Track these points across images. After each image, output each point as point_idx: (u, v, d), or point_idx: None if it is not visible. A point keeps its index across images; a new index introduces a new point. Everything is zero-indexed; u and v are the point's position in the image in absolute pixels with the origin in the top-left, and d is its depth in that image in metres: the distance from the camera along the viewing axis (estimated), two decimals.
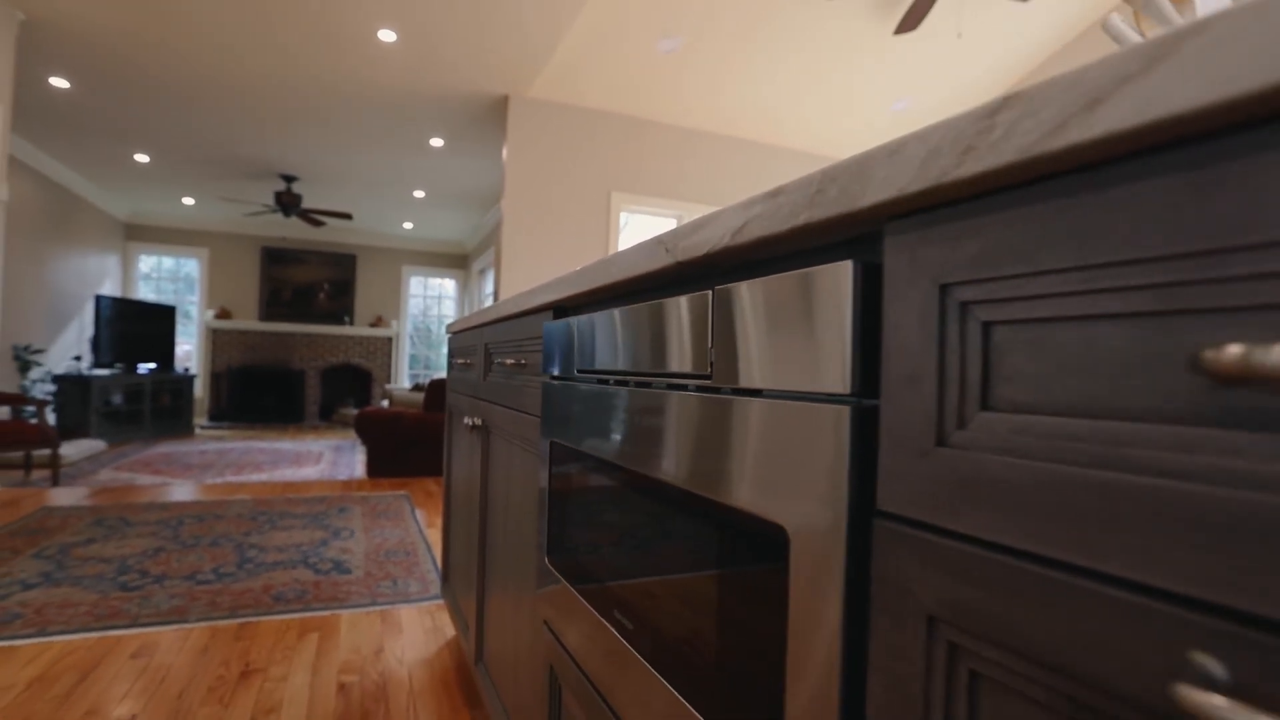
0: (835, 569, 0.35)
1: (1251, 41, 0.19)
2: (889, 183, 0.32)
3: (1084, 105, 0.24)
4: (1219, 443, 0.21)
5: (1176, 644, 0.22)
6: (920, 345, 0.32)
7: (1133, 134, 0.23)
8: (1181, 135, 0.22)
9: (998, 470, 0.28)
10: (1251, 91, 0.19)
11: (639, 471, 0.60)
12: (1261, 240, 0.20)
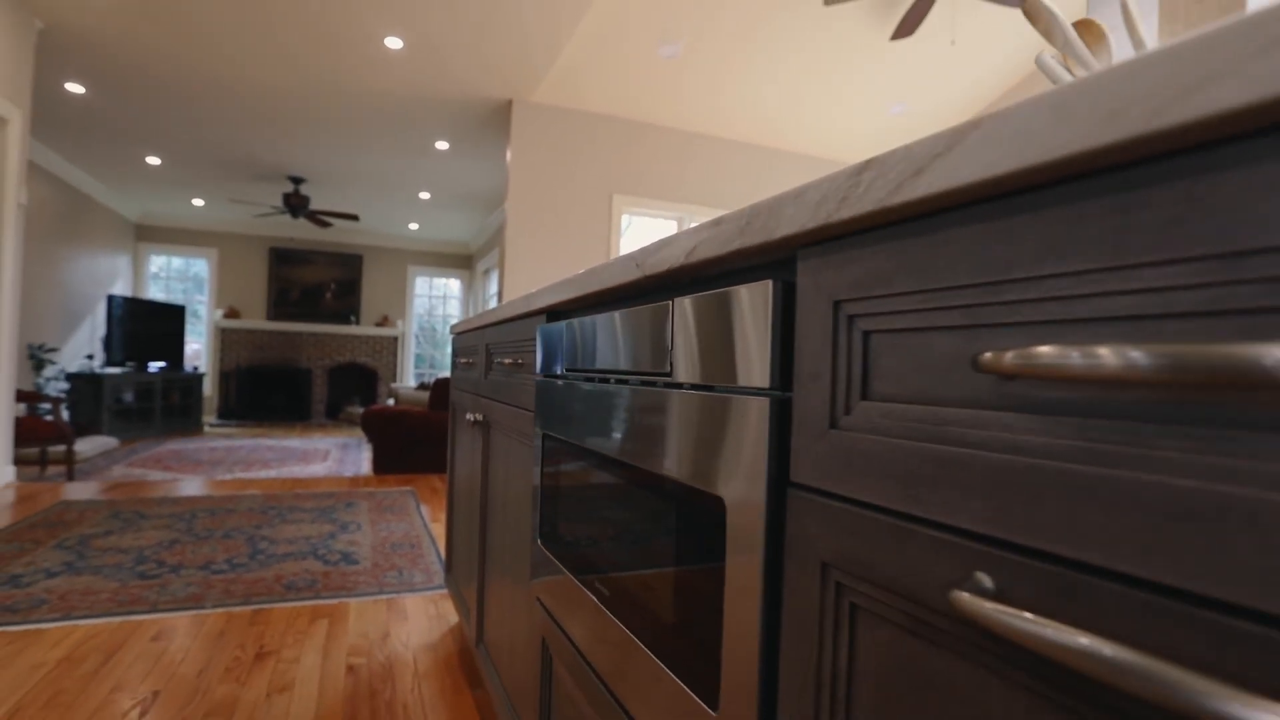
0: (758, 530, 0.44)
1: (1006, 138, 0.28)
2: (794, 220, 0.41)
3: (912, 173, 0.32)
4: (997, 421, 0.30)
5: (967, 566, 0.30)
6: (821, 348, 0.40)
7: (942, 195, 0.31)
8: (972, 198, 0.30)
9: (868, 446, 0.36)
10: (1003, 173, 0.28)
11: (615, 458, 0.68)
12: (1023, 276, 0.29)
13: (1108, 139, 0.24)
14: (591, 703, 0.74)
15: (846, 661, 0.38)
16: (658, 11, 3.81)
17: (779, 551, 0.43)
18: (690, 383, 0.54)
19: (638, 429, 0.63)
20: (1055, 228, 0.27)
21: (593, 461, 0.76)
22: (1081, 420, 0.26)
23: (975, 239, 0.31)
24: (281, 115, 4.95)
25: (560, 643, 0.86)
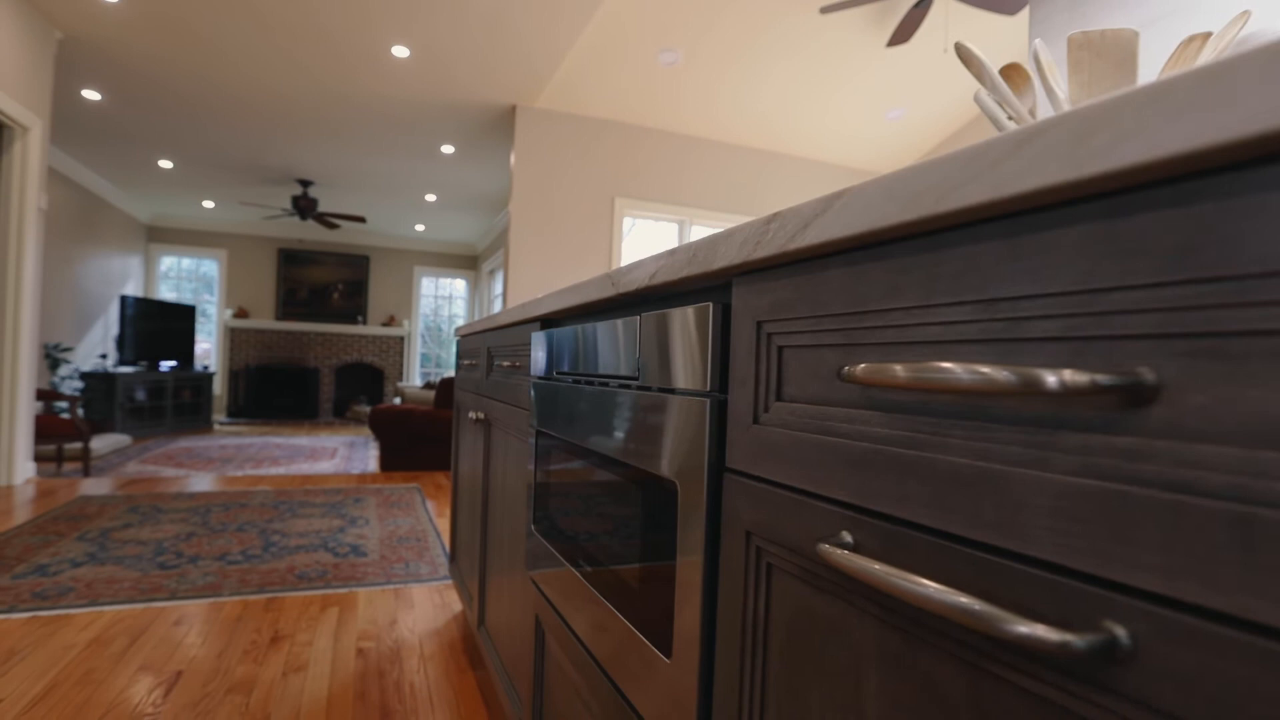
0: (701, 507, 0.53)
1: (858, 207, 0.37)
2: (726, 255, 0.50)
3: (801, 226, 0.41)
4: (859, 417, 0.39)
5: (837, 527, 0.40)
6: (747, 359, 0.50)
7: (820, 245, 0.40)
8: (840, 248, 0.40)
9: (779, 438, 0.46)
10: (856, 233, 0.37)
11: (596, 450, 0.78)
12: (875, 308, 0.38)
13: (912, 215, 0.33)
14: (576, 666, 0.84)
15: (764, 609, 0.47)
16: (658, 20, 3.90)
17: (717, 524, 0.53)
18: (652, 385, 0.64)
19: (612, 424, 0.72)
20: (892, 274, 0.37)
21: (578, 454, 0.85)
22: (906, 416, 0.36)
23: (844, 278, 0.40)
24: (291, 121, 5.07)
25: (551, 618, 0.96)
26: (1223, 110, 0.21)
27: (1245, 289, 0.22)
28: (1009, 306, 0.31)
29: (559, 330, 0.96)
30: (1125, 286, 0.26)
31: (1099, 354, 0.27)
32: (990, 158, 0.29)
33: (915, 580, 0.32)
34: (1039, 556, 0.28)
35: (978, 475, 0.31)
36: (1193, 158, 0.23)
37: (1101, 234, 0.27)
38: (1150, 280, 0.25)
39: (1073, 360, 0.28)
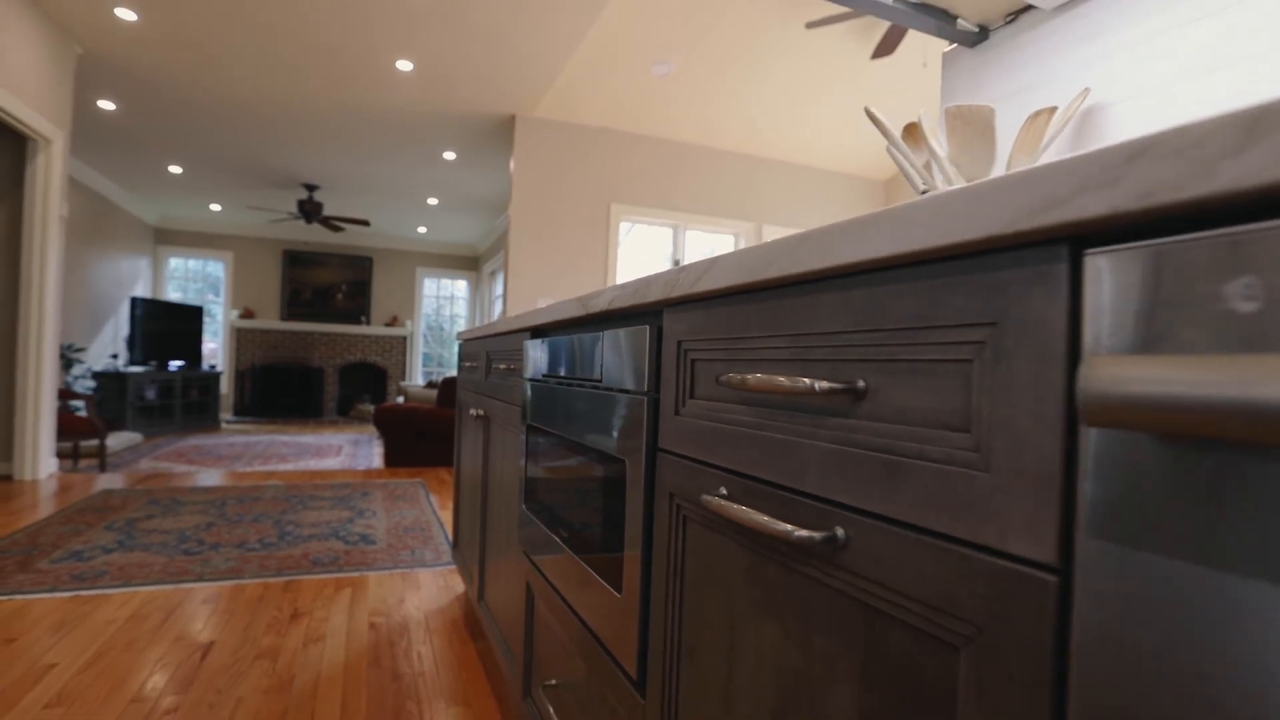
0: (641, 477, 0.72)
1: (730, 266, 0.55)
2: (656, 292, 0.68)
3: (699, 275, 0.60)
4: (733, 410, 0.58)
5: (717, 484, 0.58)
6: (670, 368, 0.68)
7: (710, 291, 0.59)
8: (723, 294, 0.58)
9: (690, 425, 0.64)
10: (728, 286, 0.56)
11: (570, 437, 0.96)
12: (743, 335, 0.56)
13: (749, 280, 0.52)
14: (556, 616, 1.02)
15: (680, 547, 0.66)
16: (650, 34, 4.08)
17: (652, 489, 0.72)
18: (611, 386, 0.82)
19: (581, 416, 0.91)
20: (748, 314, 0.55)
21: (557, 440, 1.04)
22: (754, 409, 0.54)
23: (725, 315, 0.58)
24: (297, 129, 5.25)
25: (538, 581, 1.15)
26: (869, 243, 0.40)
27: (895, 335, 0.41)
28: (804, 339, 0.49)
29: (545, 340, 1.14)
30: (850, 330, 0.44)
31: (840, 370, 0.46)
32: (784, 248, 0.48)
33: (755, 514, 0.50)
34: (810, 491, 0.47)
35: (787, 445, 0.50)
36: (860, 264, 0.41)
37: (838, 301, 0.45)
38: (859, 328, 0.43)
39: (830, 374, 0.46)
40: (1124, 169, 0.26)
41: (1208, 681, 0.23)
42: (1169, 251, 0.26)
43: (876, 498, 0.41)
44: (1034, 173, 0.30)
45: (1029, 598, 0.31)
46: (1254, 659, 0.22)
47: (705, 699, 0.61)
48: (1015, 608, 0.32)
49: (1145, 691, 0.25)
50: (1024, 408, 0.32)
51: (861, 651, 0.42)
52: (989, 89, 1.10)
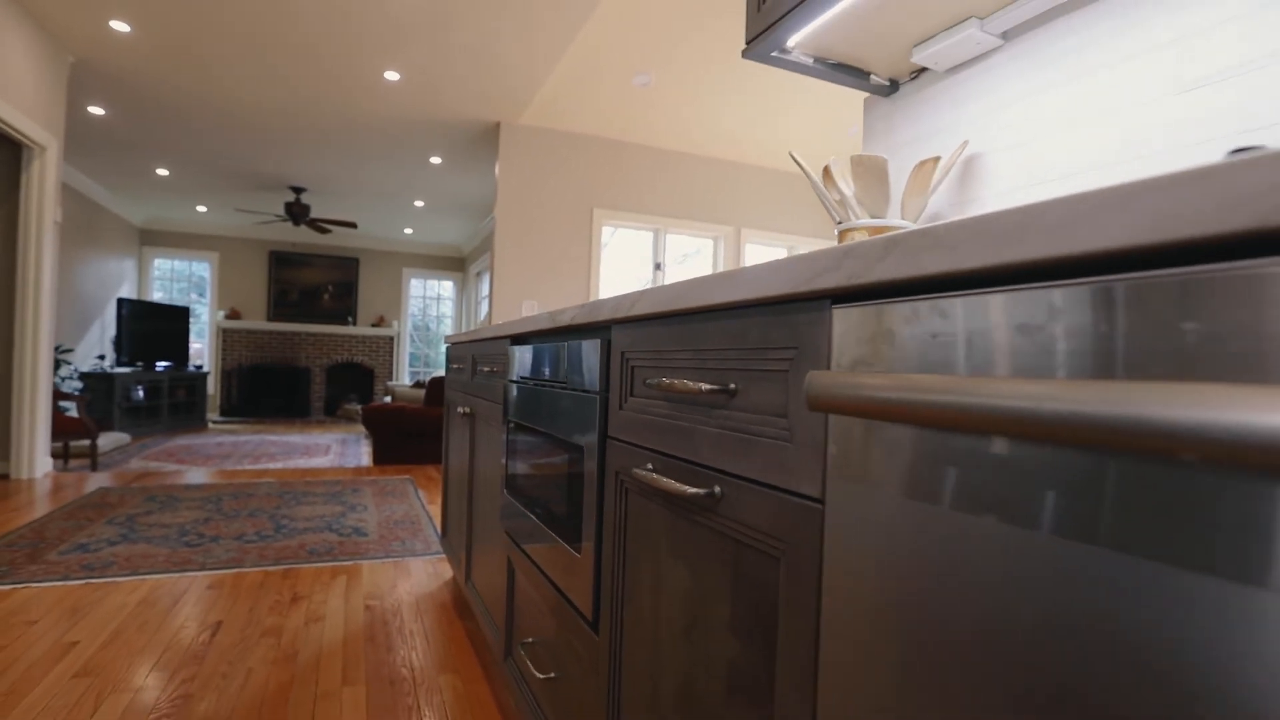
0: (595, 459, 0.90)
1: (650, 299, 0.74)
2: (606, 312, 0.87)
3: (631, 304, 0.78)
4: (657, 405, 0.76)
5: (646, 461, 0.77)
6: (617, 373, 0.86)
7: (641, 315, 0.77)
8: (651, 316, 0.77)
9: (631, 417, 0.83)
10: (654, 311, 0.74)
11: (543, 430, 1.14)
12: (668, 348, 0.75)
13: (665, 309, 0.70)
14: (532, 583, 1.20)
15: (624, 513, 0.84)
16: (629, 48, 4.25)
17: (603, 469, 0.90)
18: (574, 387, 1.01)
19: (550, 412, 1.09)
20: (670, 334, 0.74)
21: (532, 432, 1.22)
22: (670, 404, 0.73)
23: (654, 332, 0.77)
24: (286, 135, 5.37)
25: (517, 556, 1.32)
26: (732, 290, 0.58)
27: (751, 354, 0.59)
28: (701, 354, 0.67)
29: (523, 346, 1.32)
30: (726, 349, 0.63)
31: (721, 376, 0.64)
32: (686, 289, 0.66)
33: (669, 481, 0.69)
34: (702, 462, 0.65)
35: (689, 430, 0.68)
36: (727, 304, 0.60)
37: (719, 328, 0.64)
38: (731, 347, 0.62)
39: (714, 379, 0.65)
40: (841, 259, 0.45)
41: (901, 560, 0.42)
42: (868, 310, 0.44)
43: (739, 464, 0.60)
44: (806, 256, 0.48)
45: (809, 520, 0.50)
46: (922, 546, 0.41)
47: (640, 629, 0.79)
48: (802, 527, 0.50)
49: (864, 567, 0.44)
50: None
51: (730, 571, 0.61)
52: (899, 133, 1.29)
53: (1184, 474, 0.26)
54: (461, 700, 1.55)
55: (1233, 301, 0.25)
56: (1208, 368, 0.25)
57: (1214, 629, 0.25)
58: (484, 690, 1.60)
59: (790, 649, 0.51)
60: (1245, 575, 0.24)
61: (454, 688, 1.61)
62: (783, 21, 1.07)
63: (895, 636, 0.40)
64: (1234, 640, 0.24)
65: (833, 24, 1.08)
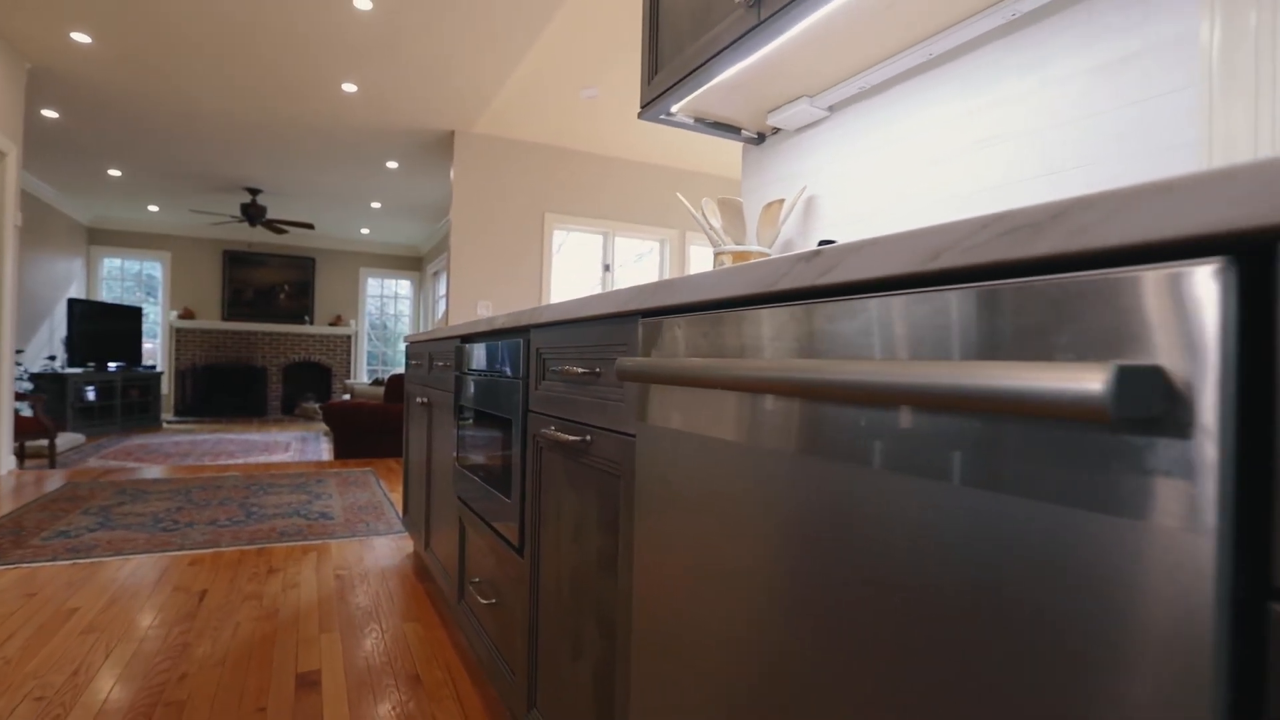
0: (519, 428, 1.22)
1: (555, 310, 1.06)
2: (526, 319, 1.19)
3: (541, 312, 1.10)
4: (559, 386, 1.09)
5: (551, 424, 1.09)
6: (534, 363, 1.19)
7: (552, 321, 1.09)
8: (558, 321, 1.09)
9: (544, 393, 1.15)
10: (558, 319, 1.07)
11: (483, 409, 1.46)
12: (564, 345, 1.07)
13: (565, 317, 1.03)
14: (477, 533, 1.52)
15: (539, 466, 1.17)
16: (577, 64, 4.55)
17: (525, 434, 1.22)
18: (507, 375, 1.33)
19: (489, 395, 1.40)
20: (566, 334, 1.06)
21: (474, 413, 1.53)
22: (566, 384, 1.06)
23: (555, 334, 1.09)
24: (243, 140, 5.51)
25: (467, 514, 1.64)
26: (592, 308, 0.92)
27: (605, 348, 0.92)
28: (583, 349, 1.00)
29: (469, 344, 1.63)
30: (595, 345, 0.96)
31: (592, 364, 0.97)
32: (574, 305, 0.99)
33: (563, 436, 1.01)
34: (581, 421, 0.99)
35: (575, 401, 1.01)
36: (590, 316, 0.93)
37: (592, 330, 0.97)
38: (598, 344, 0.95)
39: (588, 365, 0.98)
40: (641, 294, 0.78)
41: (674, 465, 0.76)
42: (656, 321, 0.78)
43: (600, 419, 0.93)
44: (628, 290, 0.82)
45: (629, 448, 0.83)
46: (683, 456, 0.74)
47: (548, 546, 1.12)
48: (627, 453, 0.84)
49: (656, 472, 0.77)
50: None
51: (596, 490, 0.94)
52: (767, 173, 1.64)
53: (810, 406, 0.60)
54: (423, 642, 1.85)
55: (865, 313, 0.58)
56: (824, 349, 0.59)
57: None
58: (442, 634, 1.91)
59: (625, 532, 0.85)
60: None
61: (416, 633, 1.91)
62: (665, 95, 1.40)
63: (675, 510, 0.74)
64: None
65: (704, 96, 1.42)
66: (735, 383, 0.55)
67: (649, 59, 1.48)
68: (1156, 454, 0.32)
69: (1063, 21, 1.04)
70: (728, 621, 0.63)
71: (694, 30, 1.33)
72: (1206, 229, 0.31)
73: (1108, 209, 0.35)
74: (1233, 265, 0.31)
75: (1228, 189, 0.30)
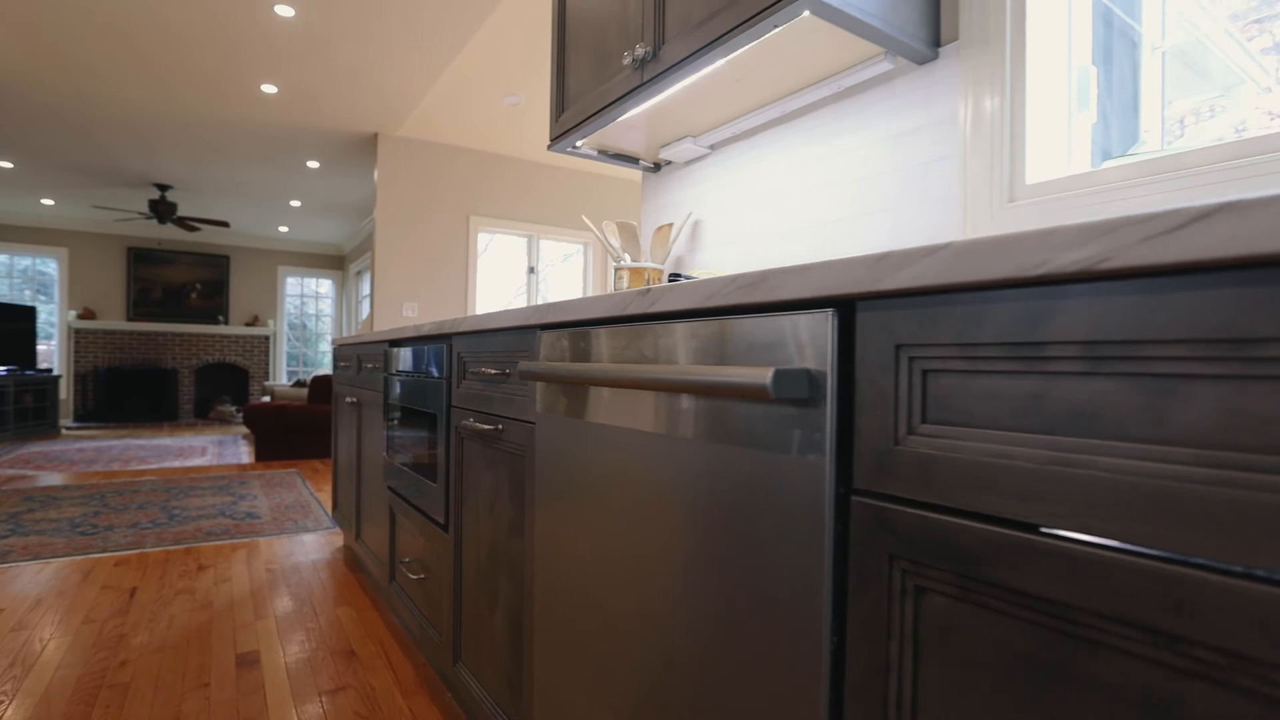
0: (443, 423, 1.42)
1: (488, 319, 1.27)
2: (450, 328, 1.39)
3: (460, 322, 1.31)
4: (477, 385, 1.30)
5: (471, 416, 1.30)
6: (454, 365, 1.39)
7: (474, 329, 1.30)
8: (470, 330, 1.30)
9: (464, 392, 1.35)
10: (486, 328, 1.28)
11: (412, 407, 1.64)
12: (485, 350, 1.28)
13: (481, 327, 1.24)
14: (407, 518, 1.70)
15: (460, 452, 1.37)
16: (500, 72, 4.70)
17: (449, 426, 1.42)
18: (431, 375, 1.52)
19: (417, 394, 1.59)
20: (484, 341, 1.27)
21: (402, 410, 1.71)
22: (483, 382, 1.27)
23: (474, 341, 1.30)
24: (154, 135, 5.36)
25: (397, 501, 1.81)
26: (500, 321, 1.13)
27: (514, 353, 1.14)
28: (498, 353, 1.22)
29: (398, 348, 1.81)
30: (505, 351, 1.18)
31: (504, 365, 1.19)
32: (485, 317, 1.20)
33: (481, 426, 1.22)
34: (495, 413, 1.20)
35: (490, 396, 1.22)
36: (500, 328, 1.15)
37: (502, 338, 1.18)
38: (505, 350, 1.17)
39: (499, 367, 1.20)
40: (539, 312, 1.01)
41: (561, 444, 0.98)
42: (549, 334, 1.00)
43: (509, 411, 1.15)
44: (531, 307, 1.04)
45: (530, 433, 1.05)
46: (567, 436, 0.97)
47: (469, 520, 1.32)
48: (528, 438, 1.06)
49: (549, 451, 1.00)
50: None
51: (507, 470, 1.16)
52: (662, 198, 1.89)
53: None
54: (356, 623, 2.01)
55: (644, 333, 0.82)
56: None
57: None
58: (374, 616, 2.07)
59: (529, 498, 1.07)
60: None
61: (349, 616, 2.06)
62: (569, 133, 1.62)
63: (563, 476, 0.97)
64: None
65: (606, 132, 1.65)
66: (596, 380, 0.78)
67: (556, 98, 1.70)
68: (803, 417, 0.58)
69: (877, 95, 1.32)
70: (596, 547, 0.86)
71: (593, 79, 1.55)
72: (824, 292, 0.56)
73: (786, 278, 0.60)
74: (835, 313, 0.56)
75: (831, 271, 0.55)
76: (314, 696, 1.56)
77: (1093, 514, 0.40)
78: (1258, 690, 0.33)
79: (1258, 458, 0.34)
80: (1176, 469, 0.37)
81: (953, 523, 0.47)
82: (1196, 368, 0.36)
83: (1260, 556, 0.33)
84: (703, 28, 1.20)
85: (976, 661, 0.46)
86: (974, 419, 0.47)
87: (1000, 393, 0.46)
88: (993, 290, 0.46)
